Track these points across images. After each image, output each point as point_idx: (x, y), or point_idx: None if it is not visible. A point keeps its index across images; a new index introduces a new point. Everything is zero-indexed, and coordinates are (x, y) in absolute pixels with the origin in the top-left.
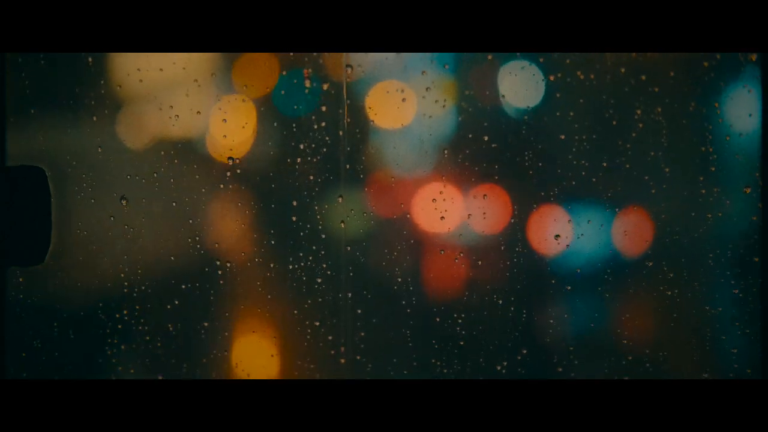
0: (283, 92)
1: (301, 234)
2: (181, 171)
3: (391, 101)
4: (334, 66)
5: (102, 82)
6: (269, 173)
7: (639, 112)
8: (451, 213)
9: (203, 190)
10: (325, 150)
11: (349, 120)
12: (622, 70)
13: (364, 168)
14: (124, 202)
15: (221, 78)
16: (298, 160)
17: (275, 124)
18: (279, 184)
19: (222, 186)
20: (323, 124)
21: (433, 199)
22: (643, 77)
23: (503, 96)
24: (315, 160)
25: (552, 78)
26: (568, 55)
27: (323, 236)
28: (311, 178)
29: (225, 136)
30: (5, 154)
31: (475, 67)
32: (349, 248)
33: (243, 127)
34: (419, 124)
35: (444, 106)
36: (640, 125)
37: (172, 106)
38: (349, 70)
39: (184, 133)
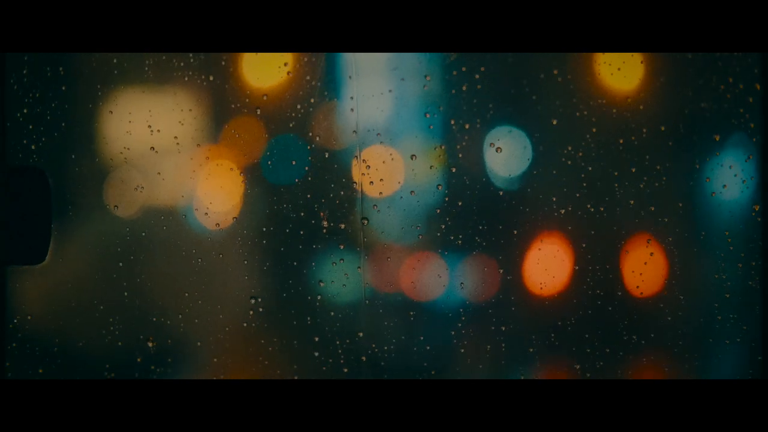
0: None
1: (324, 369)
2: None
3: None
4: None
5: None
6: (290, 313)
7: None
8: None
9: (227, 328)
10: (345, 286)
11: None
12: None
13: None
14: (150, 343)
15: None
16: (319, 297)
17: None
18: (299, 322)
19: (245, 324)
20: (341, 260)
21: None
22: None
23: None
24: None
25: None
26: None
27: (345, 370)
28: (332, 313)
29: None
30: (5, 154)
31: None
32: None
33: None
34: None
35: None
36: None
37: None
38: (366, 222)
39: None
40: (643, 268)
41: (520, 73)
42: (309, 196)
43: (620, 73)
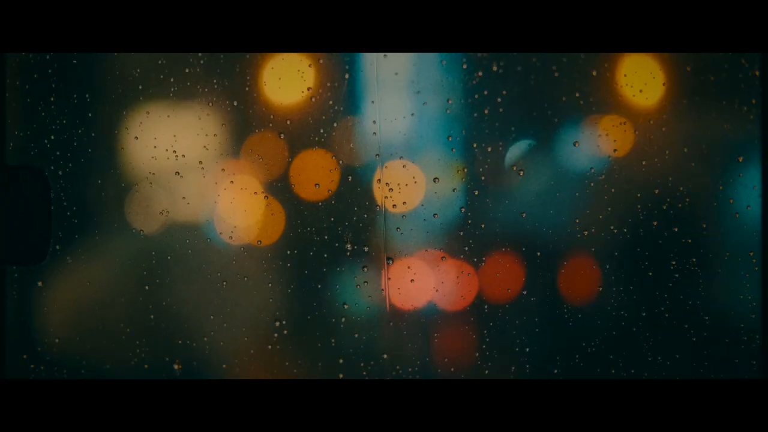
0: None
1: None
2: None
3: None
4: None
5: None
6: (315, 335)
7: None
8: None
9: (252, 351)
10: (369, 308)
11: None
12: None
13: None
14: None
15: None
16: (343, 319)
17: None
18: (323, 344)
19: (270, 347)
20: (365, 282)
21: None
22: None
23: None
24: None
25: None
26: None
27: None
28: (356, 335)
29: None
30: (5, 154)
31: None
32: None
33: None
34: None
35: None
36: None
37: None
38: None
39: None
40: (669, 289)
41: (542, 93)
42: (332, 218)
43: (642, 94)
